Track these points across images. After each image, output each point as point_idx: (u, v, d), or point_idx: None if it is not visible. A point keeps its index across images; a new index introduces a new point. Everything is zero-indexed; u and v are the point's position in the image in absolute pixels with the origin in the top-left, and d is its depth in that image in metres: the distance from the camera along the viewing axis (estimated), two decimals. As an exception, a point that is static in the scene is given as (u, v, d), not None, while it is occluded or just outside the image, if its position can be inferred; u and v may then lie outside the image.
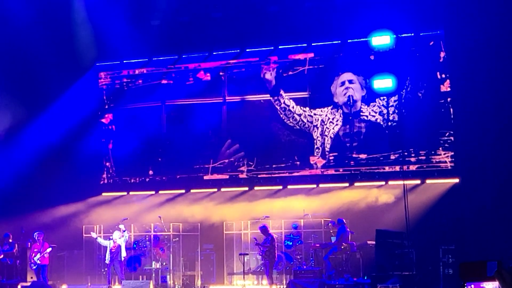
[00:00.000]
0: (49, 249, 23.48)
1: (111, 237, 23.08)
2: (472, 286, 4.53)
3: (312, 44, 25.94)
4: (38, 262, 23.35)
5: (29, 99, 27.08)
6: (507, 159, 20.31)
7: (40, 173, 26.87)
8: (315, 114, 25.87)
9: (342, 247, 22.46)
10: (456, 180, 22.90)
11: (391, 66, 23.04)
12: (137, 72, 28.37)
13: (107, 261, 22.96)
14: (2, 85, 26.58)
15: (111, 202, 27.75)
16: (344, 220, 22.80)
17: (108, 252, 22.92)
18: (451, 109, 23.80)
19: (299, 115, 26.00)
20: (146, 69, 28.22)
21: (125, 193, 28.06)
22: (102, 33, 26.34)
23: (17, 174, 26.44)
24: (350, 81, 25.42)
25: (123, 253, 22.88)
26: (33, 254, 23.49)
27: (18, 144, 26.95)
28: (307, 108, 25.97)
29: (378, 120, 24.90)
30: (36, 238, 23.58)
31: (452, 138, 23.73)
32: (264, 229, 22.57)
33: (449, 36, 23.21)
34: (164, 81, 27.96)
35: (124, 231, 23.31)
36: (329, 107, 25.70)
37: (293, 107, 26.04)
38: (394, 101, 24.45)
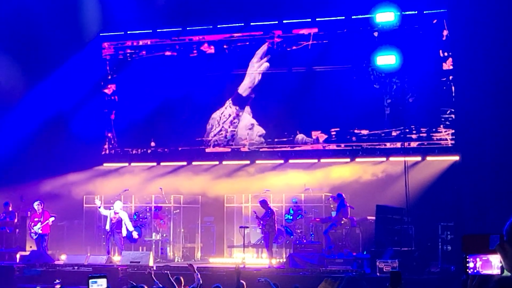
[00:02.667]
0: (51, 219, 23.51)
1: (111, 207, 23.21)
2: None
3: (317, 19, 25.92)
4: (40, 231, 23.36)
5: (32, 67, 27.02)
6: (507, 137, 20.41)
7: (41, 142, 26.90)
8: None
9: (342, 222, 22.49)
10: (456, 158, 22.99)
11: (394, 43, 23.08)
12: (141, 43, 28.32)
13: (107, 228, 23.14)
14: (6, 53, 26.56)
15: (112, 172, 27.79)
16: (344, 195, 22.81)
17: (108, 221, 23.06)
18: (453, 87, 23.87)
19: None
20: (150, 40, 28.17)
21: (127, 164, 28.07)
22: (107, 4, 26.33)
23: (18, 142, 26.41)
24: None
25: (124, 231, 22.98)
26: (33, 224, 23.50)
27: (19, 112, 26.94)
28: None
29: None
30: (36, 208, 23.61)
31: (453, 116, 23.81)
32: (264, 202, 22.52)
33: (452, 14, 23.23)
34: (167, 53, 27.93)
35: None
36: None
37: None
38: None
